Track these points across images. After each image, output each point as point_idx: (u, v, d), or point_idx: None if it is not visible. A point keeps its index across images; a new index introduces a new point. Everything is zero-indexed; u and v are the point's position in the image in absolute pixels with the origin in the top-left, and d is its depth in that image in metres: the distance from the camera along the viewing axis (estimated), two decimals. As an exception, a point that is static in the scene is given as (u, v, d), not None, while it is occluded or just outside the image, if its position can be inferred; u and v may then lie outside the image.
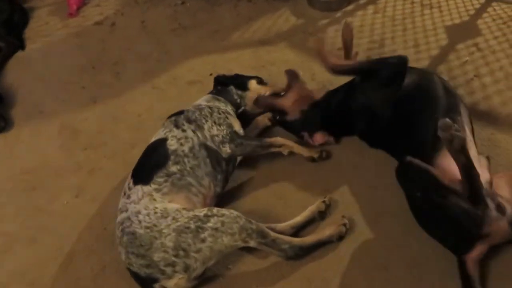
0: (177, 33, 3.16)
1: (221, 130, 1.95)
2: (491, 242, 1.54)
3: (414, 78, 1.96)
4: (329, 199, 1.89)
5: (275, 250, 1.68)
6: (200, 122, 1.95)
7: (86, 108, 2.67)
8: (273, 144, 2.03)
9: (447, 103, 1.83)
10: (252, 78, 2.31)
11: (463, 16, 2.88)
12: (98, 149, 2.39)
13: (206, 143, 1.91)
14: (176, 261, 1.55)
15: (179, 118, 1.97)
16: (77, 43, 3.26)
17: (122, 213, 1.70)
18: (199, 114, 1.98)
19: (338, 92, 2.15)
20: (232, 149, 1.94)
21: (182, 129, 1.92)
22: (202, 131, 1.93)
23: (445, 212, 1.54)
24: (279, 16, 3.15)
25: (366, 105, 2.00)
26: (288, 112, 2.16)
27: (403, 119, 1.89)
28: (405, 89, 1.92)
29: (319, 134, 2.11)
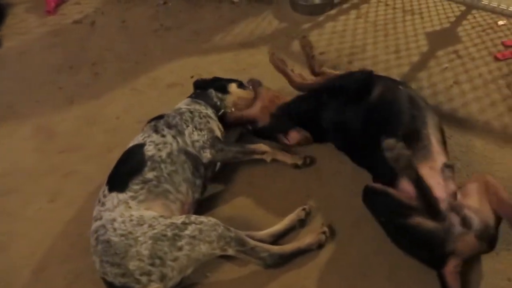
0: (158, 34, 3.11)
1: (202, 135, 1.91)
2: (463, 256, 1.54)
3: (380, 91, 1.95)
4: (309, 207, 1.87)
5: (254, 258, 1.66)
6: (181, 127, 1.91)
7: (62, 109, 2.60)
8: (255, 151, 2.01)
9: (410, 116, 1.81)
10: (232, 82, 2.29)
11: (444, 23, 2.91)
12: (74, 152, 2.33)
13: (186, 148, 1.87)
14: (152, 270, 1.51)
15: (159, 123, 1.93)
16: (55, 42, 3.18)
17: (97, 221, 1.65)
18: (180, 119, 1.94)
19: (307, 101, 2.16)
20: (213, 154, 1.91)
21: (162, 134, 1.88)
22: (183, 137, 1.89)
23: (409, 234, 1.57)
24: (262, 19, 3.13)
25: (335, 119, 2.02)
26: (258, 119, 2.18)
27: (370, 132, 1.88)
28: (371, 103, 1.93)
29: (293, 132, 2.11)
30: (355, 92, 1.97)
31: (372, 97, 1.94)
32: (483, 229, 1.51)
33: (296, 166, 2.05)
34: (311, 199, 1.95)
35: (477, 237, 1.51)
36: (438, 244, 1.51)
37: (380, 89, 1.96)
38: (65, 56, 3.02)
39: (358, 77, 2.00)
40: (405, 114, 1.83)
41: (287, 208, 1.92)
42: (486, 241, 1.53)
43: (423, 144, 1.74)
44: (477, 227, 1.51)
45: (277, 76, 2.59)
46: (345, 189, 1.98)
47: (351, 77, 2.05)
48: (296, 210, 1.86)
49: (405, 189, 1.64)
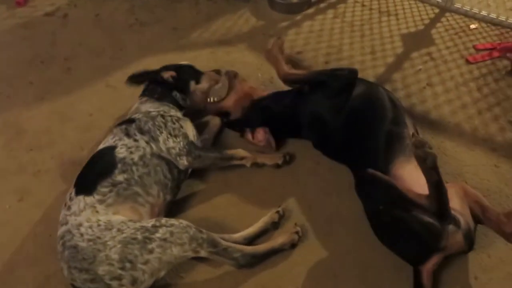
0: (133, 29, 3.05)
1: (177, 142, 1.87)
2: (446, 254, 1.59)
3: (362, 90, 2.00)
4: (282, 210, 1.88)
5: (227, 259, 1.65)
6: (155, 133, 1.86)
7: (32, 106, 2.52)
8: (234, 156, 1.98)
9: (394, 115, 1.87)
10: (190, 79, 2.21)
11: (418, 25, 2.96)
12: (45, 150, 2.26)
13: (160, 154, 1.85)
14: (122, 274, 1.48)
15: (130, 128, 1.87)
16: (25, 35, 3.07)
17: (62, 226, 1.61)
18: (152, 124, 1.88)
19: (286, 96, 2.17)
20: (190, 162, 1.88)
21: (134, 139, 1.84)
22: (157, 143, 1.85)
23: (405, 226, 1.56)
24: (239, 16, 3.11)
25: (315, 114, 2.02)
26: (231, 111, 2.20)
27: (353, 131, 1.92)
28: (353, 101, 1.96)
29: (260, 131, 2.10)
30: (340, 88, 1.98)
31: (355, 94, 1.97)
32: (467, 230, 1.56)
33: (277, 166, 2.05)
34: (285, 199, 1.96)
35: (463, 237, 1.55)
36: (432, 239, 1.53)
37: (363, 88, 2.00)
38: (35, 50, 2.92)
39: (344, 74, 2.02)
40: (389, 113, 1.87)
41: (262, 208, 1.92)
42: (468, 241, 1.57)
43: (406, 143, 1.78)
44: (463, 227, 1.56)
45: (253, 75, 2.60)
46: (320, 190, 2.00)
47: (337, 73, 2.05)
48: (269, 212, 1.86)
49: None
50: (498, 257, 1.72)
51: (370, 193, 1.71)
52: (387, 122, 1.84)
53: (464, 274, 1.68)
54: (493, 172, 2.01)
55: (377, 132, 1.83)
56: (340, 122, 1.94)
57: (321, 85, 2.03)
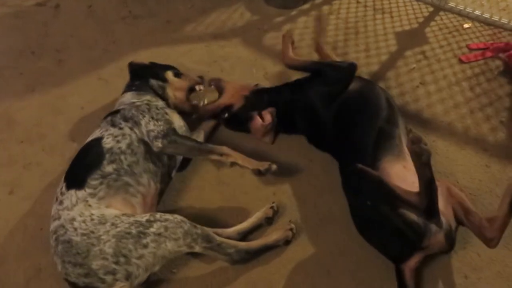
0: (126, 21, 3.01)
1: (158, 125, 1.84)
2: (427, 253, 1.61)
3: (358, 85, 2.02)
4: (276, 205, 1.88)
5: (221, 254, 1.66)
6: (137, 118, 1.85)
7: (23, 97, 2.48)
8: (214, 150, 1.89)
9: (388, 113, 1.89)
10: (168, 69, 2.24)
11: (413, 23, 2.96)
12: (36, 142, 2.24)
13: (143, 138, 1.83)
14: (116, 269, 1.48)
15: (115, 118, 1.86)
16: (16, 24, 3.01)
17: (55, 221, 1.59)
18: (136, 110, 1.88)
19: (283, 88, 2.19)
20: (164, 144, 1.81)
21: (119, 127, 1.82)
22: (140, 127, 1.83)
23: (389, 223, 1.57)
24: (234, 10, 3.09)
25: (308, 102, 2.03)
26: (232, 103, 2.16)
27: (345, 124, 1.93)
28: (349, 95, 1.98)
29: (267, 112, 2.08)
30: (336, 79, 2.01)
31: (351, 89, 1.98)
32: (448, 230, 1.58)
33: (258, 172, 1.87)
34: (279, 196, 1.96)
35: (445, 236, 1.57)
36: (415, 237, 1.54)
37: (359, 84, 2.02)
38: (26, 40, 2.88)
39: (345, 67, 2.05)
40: (383, 111, 1.89)
41: (254, 204, 1.92)
42: (449, 241, 1.59)
43: (395, 143, 1.79)
44: (445, 227, 1.58)
45: (247, 70, 2.59)
46: (313, 187, 2.00)
47: (338, 64, 2.11)
48: (263, 207, 1.87)
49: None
50: (487, 256, 1.74)
51: (358, 187, 1.69)
52: (380, 120, 1.85)
53: (454, 273, 1.70)
54: (484, 172, 2.03)
55: (368, 128, 1.84)
56: (332, 113, 1.95)
57: (319, 74, 2.08)
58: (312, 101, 2.02)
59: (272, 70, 2.59)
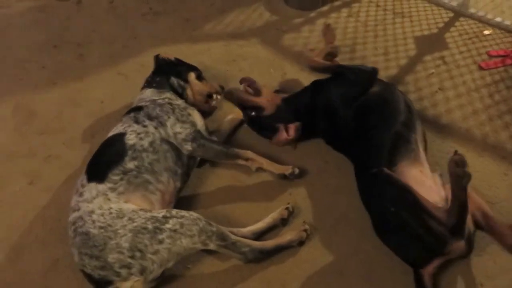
0: (147, 18, 3.04)
1: (184, 128, 1.89)
2: (447, 258, 1.60)
3: (378, 88, 2.02)
4: (292, 206, 1.89)
5: (235, 253, 1.67)
6: (162, 119, 1.88)
7: (44, 90, 2.52)
8: (240, 155, 1.96)
9: (406, 118, 1.88)
10: (191, 70, 2.25)
11: (432, 28, 2.94)
12: (56, 135, 2.27)
13: (168, 139, 1.86)
14: (132, 263, 1.50)
15: (139, 115, 1.89)
16: (39, 18, 3.07)
17: (74, 212, 1.62)
18: (160, 110, 1.91)
19: (305, 91, 2.19)
20: (194, 148, 1.89)
21: (143, 125, 1.85)
22: (165, 128, 1.87)
23: (411, 229, 1.56)
24: (253, 10, 3.10)
25: (328, 101, 2.03)
26: (265, 107, 2.15)
27: (363, 126, 1.93)
28: (368, 97, 1.98)
29: (292, 126, 2.07)
30: (356, 81, 2.01)
31: (371, 92, 1.98)
32: (468, 235, 1.57)
33: (284, 176, 1.97)
34: (294, 197, 1.97)
35: (465, 241, 1.57)
36: (438, 244, 1.54)
37: (379, 87, 2.01)
38: (48, 34, 2.92)
39: (367, 70, 2.06)
40: (402, 115, 1.88)
41: (270, 205, 1.93)
42: (469, 246, 1.59)
43: (412, 147, 1.78)
44: (466, 232, 1.57)
45: (265, 70, 2.60)
46: (328, 188, 2.01)
47: (361, 67, 2.12)
48: (279, 208, 1.87)
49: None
50: (503, 264, 1.73)
51: (381, 192, 1.68)
52: (397, 123, 1.84)
53: (469, 281, 1.69)
54: (502, 179, 2.01)
55: (385, 131, 1.83)
56: (351, 114, 1.95)
57: (340, 76, 2.09)
58: (331, 101, 2.02)
59: (291, 70, 2.60)
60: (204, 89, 2.23)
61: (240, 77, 2.26)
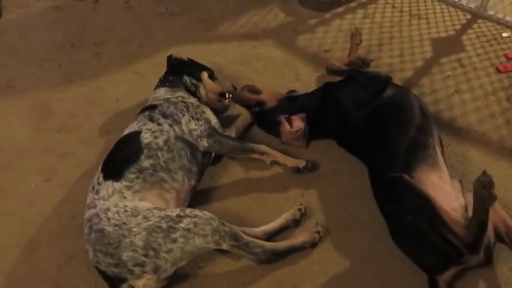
0: (163, 18, 3.07)
1: (199, 125, 1.91)
2: (464, 267, 1.58)
3: (392, 92, 2.00)
4: (304, 208, 1.88)
5: (248, 253, 1.67)
6: (177, 116, 1.89)
7: (61, 88, 2.56)
8: (255, 149, 1.98)
9: (421, 122, 1.85)
10: (204, 70, 2.27)
11: (449, 30, 2.91)
12: (72, 133, 2.30)
13: (183, 136, 1.87)
14: (145, 261, 1.50)
15: (154, 113, 1.90)
16: (57, 17, 3.11)
17: (90, 209, 1.64)
18: (175, 108, 1.92)
19: (315, 93, 2.19)
20: (210, 144, 1.90)
21: (158, 123, 1.86)
22: (180, 126, 1.88)
23: (429, 237, 1.54)
24: (268, 11, 3.11)
25: (338, 103, 2.03)
26: (267, 101, 2.16)
27: (377, 130, 1.91)
28: (382, 101, 1.96)
29: (297, 118, 2.08)
30: (368, 85, 2.01)
31: (384, 95, 1.97)
32: (487, 245, 1.55)
33: (297, 170, 2.00)
34: (306, 198, 1.96)
35: (484, 252, 1.54)
36: (455, 254, 1.52)
37: (394, 91, 2.01)
38: (66, 33, 2.97)
39: (379, 76, 2.06)
40: (416, 119, 1.86)
41: (282, 205, 1.93)
42: (488, 256, 1.56)
43: (429, 152, 1.76)
44: (484, 242, 1.54)
45: (279, 71, 2.60)
46: (341, 190, 2.00)
47: (376, 73, 2.12)
48: (292, 209, 1.87)
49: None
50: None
51: (400, 200, 1.65)
52: (412, 128, 1.82)
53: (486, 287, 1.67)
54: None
55: (400, 135, 1.82)
56: (364, 117, 1.94)
57: (352, 79, 2.09)
58: (341, 103, 2.02)
59: (304, 71, 2.60)
60: (217, 88, 2.23)
61: (253, 78, 2.27)
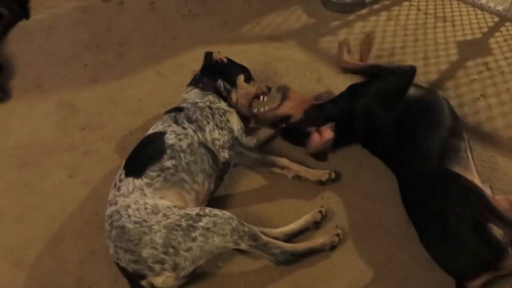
0: (186, 19, 3.10)
1: (223, 134, 1.91)
2: (497, 274, 1.53)
3: (421, 94, 1.97)
4: (325, 210, 1.87)
5: (266, 254, 1.67)
6: (202, 123, 1.90)
7: (86, 87, 2.62)
8: (276, 163, 1.96)
9: (452, 124, 1.82)
10: (241, 72, 2.23)
11: (476, 33, 2.85)
12: (95, 131, 2.35)
13: (206, 144, 1.88)
14: (165, 259, 1.52)
15: (179, 116, 1.92)
16: (83, 18, 3.19)
17: (111, 206, 1.67)
18: (200, 114, 1.93)
19: (340, 98, 2.14)
20: (231, 155, 1.91)
21: (183, 127, 1.88)
22: (203, 133, 1.89)
23: (467, 237, 1.50)
24: (291, 13, 3.10)
25: (367, 105, 1.99)
26: (291, 114, 2.13)
27: (406, 132, 1.87)
28: (411, 103, 1.92)
29: (326, 128, 2.02)
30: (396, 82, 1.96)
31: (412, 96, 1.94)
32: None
33: (320, 182, 1.97)
34: (327, 200, 1.95)
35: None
36: (492, 257, 1.48)
37: (422, 92, 1.97)
38: (92, 34, 3.03)
39: (405, 70, 2.00)
40: (447, 121, 1.83)
41: (301, 207, 1.92)
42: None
43: (461, 155, 1.73)
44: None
45: (301, 72, 2.59)
46: (362, 194, 1.98)
47: (398, 67, 2.06)
48: (312, 211, 1.86)
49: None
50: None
51: (449, 192, 1.60)
52: (444, 130, 1.79)
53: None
54: (546, 191, 1.92)
55: (432, 137, 1.78)
56: (392, 119, 1.90)
57: (377, 77, 2.03)
58: (371, 104, 1.97)
59: (326, 74, 2.58)
60: (251, 91, 2.22)
61: (275, 79, 2.27)
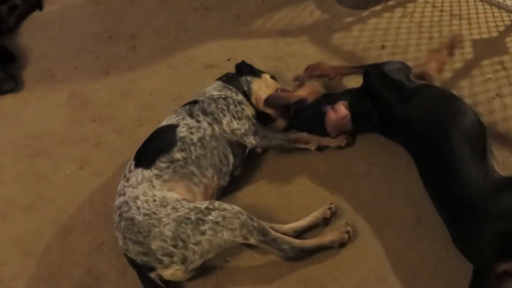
0: (198, 12, 3.09)
1: (242, 124, 1.91)
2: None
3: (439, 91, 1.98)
4: (335, 207, 1.85)
5: (275, 249, 1.66)
6: (218, 116, 1.90)
7: (98, 79, 2.63)
8: (300, 139, 2.00)
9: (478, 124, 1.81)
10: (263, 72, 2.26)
11: (492, 31, 2.80)
12: (106, 123, 2.35)
13: (223, 135, 1.88)
14: (174, 252, 1.52)
15: (194, 108, 1.92)
16: (95, 10, 3.20)
17: (120, 197, 1.67)
18: (215, 107, 1.93)
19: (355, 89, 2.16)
20: (257, 140, 1.92)
21: (197, 120, 1.87)
22: (220, 125, 1.89)
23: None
24: (303, 8, 3.07)
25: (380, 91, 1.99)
26: (307, 98, 2.11)
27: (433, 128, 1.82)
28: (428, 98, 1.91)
29: (340, 104, 2.01)
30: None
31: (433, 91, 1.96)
32: None
33: (339, 147, 2.05)
34: (337, 197, 1.93)
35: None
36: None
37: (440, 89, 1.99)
38: (104, 26, 3.04)
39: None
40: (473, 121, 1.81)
41: (310, 203, 1.90)
42: None
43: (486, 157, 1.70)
44: None
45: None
46: (372, 191, 1.95)
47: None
48: (321, 207, 1.84)
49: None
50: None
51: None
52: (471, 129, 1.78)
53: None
54: (562, 194, 1.88)
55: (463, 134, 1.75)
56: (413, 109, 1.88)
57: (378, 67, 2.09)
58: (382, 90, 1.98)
59: (339, 70, 2.55)
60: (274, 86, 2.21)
61: (287, 74, 2.25)
